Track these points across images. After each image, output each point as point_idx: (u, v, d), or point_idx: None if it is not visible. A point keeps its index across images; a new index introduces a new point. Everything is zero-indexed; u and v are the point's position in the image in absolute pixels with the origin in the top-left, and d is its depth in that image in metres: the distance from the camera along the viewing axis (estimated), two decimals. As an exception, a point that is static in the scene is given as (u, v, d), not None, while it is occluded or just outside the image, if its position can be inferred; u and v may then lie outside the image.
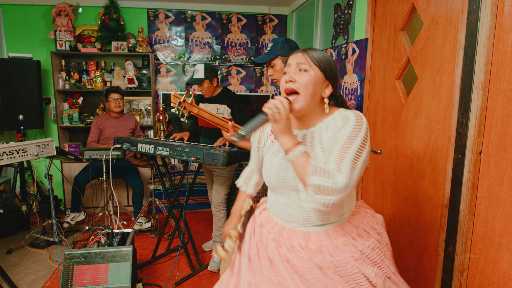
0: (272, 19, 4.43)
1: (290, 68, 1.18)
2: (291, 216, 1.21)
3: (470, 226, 1.54)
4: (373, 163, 2.36)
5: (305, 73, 1.14)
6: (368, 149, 1.10)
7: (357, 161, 1.05)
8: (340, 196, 1.02)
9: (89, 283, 1.94)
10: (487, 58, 1.43)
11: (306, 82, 1.13)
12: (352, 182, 1.04)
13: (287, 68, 1.20)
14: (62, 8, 3.84)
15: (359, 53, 2.49)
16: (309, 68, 1.14)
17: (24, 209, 3.48)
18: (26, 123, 3.67)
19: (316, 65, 1.15)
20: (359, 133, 1.08)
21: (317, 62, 1.15)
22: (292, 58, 1.19)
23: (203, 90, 2.83)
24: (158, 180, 3.72)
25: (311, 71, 1.14)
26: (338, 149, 1.07)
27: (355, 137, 1.07)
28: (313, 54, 1.16)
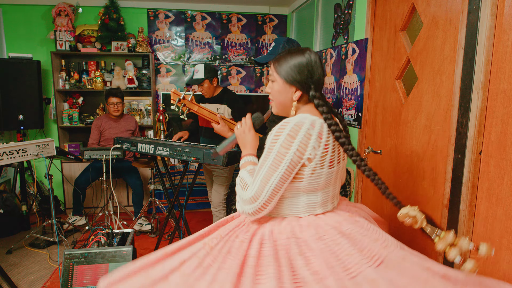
0: (272, 19, 4.43)
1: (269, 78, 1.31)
2: None
3: (470, 226, 1.54)
4: (373, 163, 2.36)
5: (273, 83, 1.26)
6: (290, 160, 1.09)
7: (271, 175, 1.10)
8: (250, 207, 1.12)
9: (89, 283, 1.94)
10: (487, 58, 1.43)
11: (273, 92, 1.27)
12: (263, 195, 1.10)
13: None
14: (62, 8, 3.84)
15: (359, 53, 2.49)
16: (274, 78, 1.25)
17: (24, 209, 3.47)
18: (26, 123, 3.67)
19: (279, 75, 1.23)
20: (275, 144, 1.11)
21: (278, 72, 1.23)
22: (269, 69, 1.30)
23: (203, 90, 2.84)
24: (158, 180, 3.72)
25: (276, 82, 1.25)
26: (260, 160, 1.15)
27: (272, 148, 1.12)
28: (279, 64, 1.23)
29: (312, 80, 1.20)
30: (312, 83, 1.20)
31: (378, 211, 2.31)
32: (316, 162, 1.13)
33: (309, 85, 1.20)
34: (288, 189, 1.17)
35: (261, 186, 1.10)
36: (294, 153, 1.09)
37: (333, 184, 1.26)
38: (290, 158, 1.09)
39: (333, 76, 2.95)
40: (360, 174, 2.52)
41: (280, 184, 1.11)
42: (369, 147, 2.37)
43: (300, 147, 1.10)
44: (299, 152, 1.10)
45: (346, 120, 2.70)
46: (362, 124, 2.46)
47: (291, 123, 1.11)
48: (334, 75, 2.93)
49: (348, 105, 2.66)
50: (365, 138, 2.46)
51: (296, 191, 1.19)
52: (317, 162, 1.13)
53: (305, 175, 1.15)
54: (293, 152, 1.09)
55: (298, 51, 1.22)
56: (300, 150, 1.10)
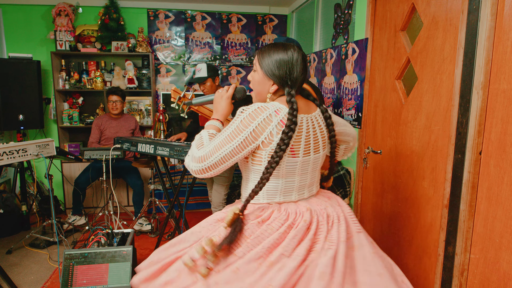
0: (272, 19, 4.43)
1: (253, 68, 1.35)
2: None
3: (470, 226, 1.54)
4: (373, 163, 2.36)
5: (254, 73, 1.31)
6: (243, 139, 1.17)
7: (222, 146, 1.18)
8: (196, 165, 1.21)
9: (89, 283, 1.94)
10: (487, 58, 1.43)
11: (253, 82, 1.31)
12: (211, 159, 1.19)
13: None
14: (62, 8, 3.84)
15: (359, 53, 2.49)
16: (256, 68, 1.29)
17: (24, 209, 3.47)
18: (26, 123, 3.67)
19: (260, 66, 1.26)
20: (237, 119, 1.19)
21: (261, 63, 1.26)
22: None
23: (206, 89, 2.84)
24: (158, 180, 3.71)
25: (256, 72, 1.29)
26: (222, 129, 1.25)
27: (233, 122, 1.19)
28: (262, 56, 1.26)
29: (290, 77, 1.23)
30: (289, 79, 1.23)
31: (378, 211, 2.31)
32: (272, 147, 1.18)
33: (286, 81, 1.24)
34: (252, 170, 1.26)
35: (212, 152, 1.19)
36: (250, 132, 1.16)
37: (300, 174, 1.28)
38: (244, 136, 1.17)
39: (333, 76, 2.95)
40: (360, 174, 2.52)
41: (228, 156, 1.19)
42: (369, 147, 2.37)
43: (256, 128, 1.16)
44: (254, 133, 1.17)
45: (346, 120, 2.69)
46: (362, 124, 2.46)
47: (255, 106, 1.19)
48: (334, 75, 2.93)
49: (348, 105, 2.66)
50: (365, 138, 2.46)
51: (258, 174, 1.24)
52: (273, 148, 1.18)
53: (262, 158, 1.21)
54: (249, 132, 1.16)
55: (283, 46, 1.25)
56: (256, 132, 1.17)
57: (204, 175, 1.23)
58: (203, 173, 1.22)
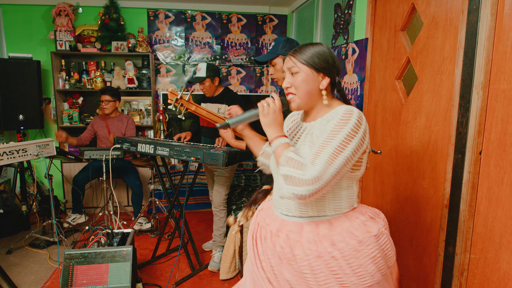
0: (272, 19, 4.43)
1: (286, 74, 1.26)
2: (278, 203, 1.28)
3: (470, 226, 1.54)
4: (373, 163, 2.36)
5: (296, 75, 1.21)
6: (355, 146, 1.08)
7: (336, 157, 1.05)
8: (309, 188, 1.03)
9: (89, 283, 1.94)
10: (487, 58, 1.43)
11: (298, 83, 1.21)
12: (326, 176, 1.03)
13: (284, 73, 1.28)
14: (62, 8, 3.84)
15: (359, 53, 2.49)
16: (298, 69, 1.20)
17: (24, 209, 3.48)
18: (26, 123, 3.67)
19: (304, 64, 1.20)
20: (343, 128, 1.08)
21: (303, 60, 1.20)
22: (285, 64, 1.27)
23: (205, 88, 2.84)
24: (158, 180, 3.72)
25: (300, 72, 1.20)
26: (319, 143, 1.09)
27: (339, 131, 1.08)
28: (300, 54, 1.21)
29: (335, 66, 1.22)
30: (335, 68, 1.22)
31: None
32: (369, 148, 1.18)
33: (334, 72, 1.22)
34: (346, 178, 1.17)
35: (326, 167, 1.04)
36: (360, 138, 1.10)
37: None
38: (357, 143, 1.09)
39: (333, 76, 2.95)
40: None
41: (344, 166, 1.07)
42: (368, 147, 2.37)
43: (364, 133, 1.11)
44: (363, 138, 1.11)
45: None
46: (362, 124, 2.46)
47: (356, 111, 1.11)
48: (334, 75, 2.93)
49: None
50: (365, 138, 2.46)
51: (351, 181, 1.20)
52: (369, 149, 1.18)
53: (363, 162, 1.18)
54: (360, 138, 1.10)
55: (317, 44, 1.23)
56: (363, 137, 1.11)
57: (317, 195, 1.06)
58: (317, 194, 1.05)
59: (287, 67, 1.23)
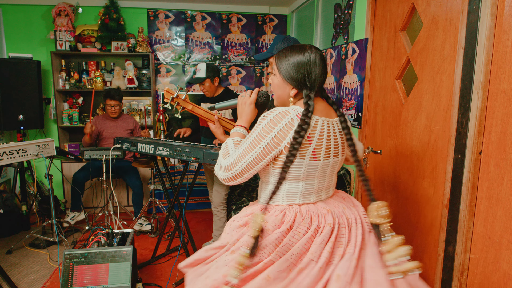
0: (272, 19, 4.43)
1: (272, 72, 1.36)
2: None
3: (470, 226, 1.54)
4: (373, 163, 2.36)
5: (273, 77, 1.32)
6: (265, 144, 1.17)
7: (248, 152, 1.20)
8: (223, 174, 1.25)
9: (89, 283, 1.94)
10: (487, 58, 1.43)
11: (272, 86, 1.33)
12: (236, 168, 1.22)
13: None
14: (62, 8, 3.84)
15: (359, 53, 2.49)
16: (275, 73, 1.30)
17: (24, 209, 3.47)
18: (26, 123, 3.67)
19: (278, 71, 1.28)
20: (257, 127, 1.20)
21: (279, 67, 1.27)
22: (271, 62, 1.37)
23: (205, 89, 2.84)
24: (158, 180, 3.71)
25: (275, 76, 1.31)
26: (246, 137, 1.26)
27: (255, 129, 1.21)
28: (279, 60, 1.27)
29: (308, 79, 1.23)
30: (308, 81, 1.23)
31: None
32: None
33: (304, 83, 1.24)
34: (272, 174, 1.26)
35: (237, 160, 1.22)
36: (272, 138, 1.17)
37: (319, 177, 1.28)
38: (266, 142, 1.18)
39: (333, 76, 2.95)
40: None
41: (253, 163, 1.21)
42: (369, 147, 2.37)
43: (279, 134, 1.17)
44: (276, 138, 1.17)
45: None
46: (362, 124, 2.46)
47: (277, 111, 1.19)
48: (334, 75, 2.93)
49: (348, 105, 2.66)
50: (365, 138, 2.46)
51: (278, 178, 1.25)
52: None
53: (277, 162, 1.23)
54: (271, 138, 1.17)
55: (300, 48, 1.24)
56: (277, 137, 1.17)
57: (232, 182, 1.26)
58: (231, 180, 1.26)
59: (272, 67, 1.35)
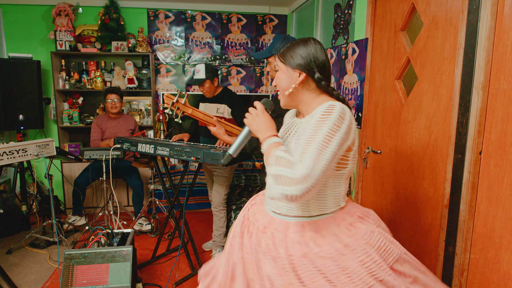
0: (272, 19, 4.43)
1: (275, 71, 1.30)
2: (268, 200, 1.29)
3: (470, 226, 1.54)
4: (373, 163, 2.36)
5: (277, 73, 1.26)
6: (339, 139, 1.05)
7: (322, 152, 1.01)
8: (299, 187, 0.99)
9: (89, 283, 1.94)
10: (487, 58, 1.43)
11: (277, 80, 1.26)
12: (315, 173, 0.99)
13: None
14: (62, 8, 3.84)
15: (359, 53, 2.49)
16: (279, 68, 1.25)
17: (24, 209, 3.47)
18: (26, 123, 3.67)
19: (281, 61, 1.23)
20: (324, 123, 1.05)
21: (281, 58, 1.23)
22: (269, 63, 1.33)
23: (205, 90, 2.84)
24: (158, 180, 3.72)
25: (280, 71, 1.25)
26: (303, 139, 1.06)
27: (320, 127, 1.05)
28: (283, 53, 1.24)
29: (316, 63, 1.19)
30: (316, 66, 1.19)
31: (378, 211, 2.31)
32: (356, 146, 1.14)
33: (312, 68, 1.19)
34: (332, 176, 1.14)
35: (314, 163, 1.00)
36: (345, 133, 1.06)
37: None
38: (341, 137, 1.05)
39: (333, 76, 2.95)
40: (360, 174, 2.52)
41: (331, 162, 1.03)
42: (369, 147, 2.37)
43: (348, 127, 1.07)
44: (347, 133, 1.07)
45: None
46: (362, 124, 2.46)
47: (338, 106, 1.08)
48: (334, 75, 2.93)
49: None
50: (365, 138, 2.46)
51: (339, 180, 1.17)
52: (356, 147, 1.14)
53: (349, 160, 1.14)
54: (344, 132, 1.06)
55: (301, 41, 1.23)
56: (348, 131, 1.07)
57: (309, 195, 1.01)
58: (309, 193, 1.00)
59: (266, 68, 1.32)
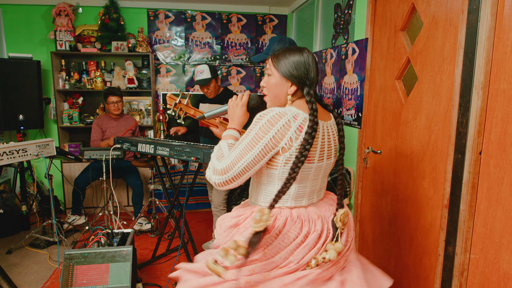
0: (272, 19, 4.43)
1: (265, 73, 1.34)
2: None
3: (470, 226, 1.54)
4: (373, 163, 2.36)
5: (269, 77, 1.30)
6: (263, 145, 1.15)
7: (245, 154, 1.17)
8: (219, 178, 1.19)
9: (89, 283, 1.94)
10: (487, 58, 1.43)
11: (268, 85, 1.30)
12: (233, 170, 1.17)
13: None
14: (62, 8, 3.84)
15: (359, 53, 2.49)
16: (271, 72, 1.28)
17: (24, 209, 3.48)
18: (26, 123, 3.67)
19: (276, 69, 1.26)
20: (254, 127, 1.17)
21: (277, 65, 1.26)
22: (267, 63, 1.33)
23: (210, 89, 2.82)
24: (158, 180, 3.72)
25: (272, 75, 1.28)
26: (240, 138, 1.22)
27: (251, 130, 1.18)
28: (278, 58, 1.27)
29: (307, 76, 1.25)
30: (307, 79, 1.25)
31: (378, 211, 2.31)
32: (291, 153, 1.18)
33: (304, 81, 1.25)
34: (265, 174, 1.25)
35: (234, 162, 1.18)
36: (270, 139, 1.15)
37: (312, 180, 1.29)
38: (264, 143, 1.15)
39: (333, 76, 2.95)
40: (360, 174, 2.52)
41: (250, 164, 1.17)
42: (369, 147, 2.37)
43: (276, 134, 1.15)
44: (274, 139, 1.15)
45: (346, 120, 2.70)
46: (362, 124, 2.46)
47: (274, 111, 1.17)
48: (334, 75, 2.93)
49: (348, 105, 2.66)
50: (365, 138, 2.46)
51: (272, 178, 1.25)
52: (292, 154, 1.18)
53: (279, 163, 1.20)
54: (269, 138, 1.15)
55: (297, 49, 1.27)
56: (275, 138, 1.15)
57: (227, 186, 1.21)
58: (227, 184, 1.20)
59: (266, 67, 1.32)
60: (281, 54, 1.27)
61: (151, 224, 3.51)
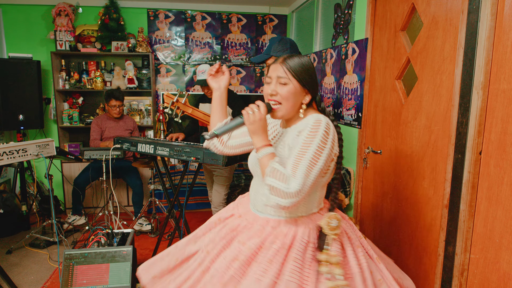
0: (272, 19, 4.43)
1: (272, 81, 1.25)
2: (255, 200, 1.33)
3: (470, 226, 1.54)
4: (373, 163, 2.36)
5: (285, 86, 1.22)
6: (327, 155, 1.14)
7: (312, 168, 1.11)
8: (292, 200, 1.09)
9: (89, 283, 1.94)
10: (487, 58, 1.43)
11: (287, 95, 1.22)
12: (305, 188, 1.10)
13: (268, 79, 1.27)
14: (62, 8, 3.84)
15: (359, 53, 2.49)
16: (288, 81, 1.22)
17: (24, 209, 3.47)
18: (26, 123, 3.67)
19: (295, 77, 1.22)
20: (314, 139, 1.13)
21: (294, 74, 1.22)
22: (273, 70, 1.26)
23: (210, 90, 2.81)
24: (158, 180, 3.71)
25: (290, 84, 1.22)
26: (295, 153, 1.14)
27: (310, 143, 1.13)
28: (291, 65, 1.22)
29: (317, 84, 1.28)
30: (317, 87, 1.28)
31: (378, 211, 2.31)
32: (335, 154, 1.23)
33: (317, 90, 1.27)
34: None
35: (304, 179, 1.10)
36: (330, 148, 1.16)
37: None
38: (327, 152, 1.14)
39: (333, 76, 2.95)
40: (360, 174, 2.52)
41: (316, 177, 1.13)
42: (369, 147, 2.37)
43: (332, 142, 1.17)
44: (331, 147, 1.17)
45: (346, 120, 2.70)
46: (362, 124, 2.46)
47: (323, 121, 1.16)
48: (334, 75, 2.93)
49: (348, 105, 2.66)
50: (365, 138, 2.46)
51: (317, 186, 1.25)
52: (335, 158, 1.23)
53: (330, 169, 1.23)
54: (329, 147, 1.15)
55: (305, 57, 1.28)
56: (332, 145, 1.17)
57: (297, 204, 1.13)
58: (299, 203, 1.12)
59: (276, 75, 1.24)
60: (293, 60, 1.23)
61: (151, 225, 3.50)
